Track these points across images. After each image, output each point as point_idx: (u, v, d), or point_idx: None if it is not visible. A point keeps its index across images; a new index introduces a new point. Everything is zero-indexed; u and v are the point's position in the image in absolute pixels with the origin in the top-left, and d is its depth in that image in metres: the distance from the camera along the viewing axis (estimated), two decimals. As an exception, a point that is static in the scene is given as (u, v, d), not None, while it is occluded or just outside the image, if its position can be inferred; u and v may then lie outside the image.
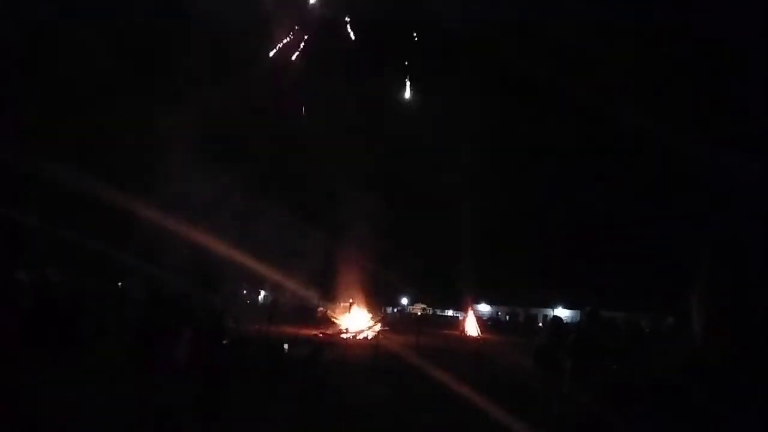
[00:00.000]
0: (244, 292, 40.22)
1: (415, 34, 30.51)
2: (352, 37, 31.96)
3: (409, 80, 30.75)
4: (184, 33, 27.36)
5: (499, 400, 9.08)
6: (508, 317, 50.24)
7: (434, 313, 48.23)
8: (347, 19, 31.44)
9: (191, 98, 25.75)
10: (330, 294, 32.67)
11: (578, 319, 22.88)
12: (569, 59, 31.22)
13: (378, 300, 34.92)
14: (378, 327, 30.28)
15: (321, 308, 34.19)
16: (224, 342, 11.78)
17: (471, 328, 34.74)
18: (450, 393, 10.34)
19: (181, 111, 24.95)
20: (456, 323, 39.03)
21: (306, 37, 31.44)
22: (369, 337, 27.85)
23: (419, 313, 45.04)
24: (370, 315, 31.28)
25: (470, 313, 36.63)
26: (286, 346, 16.86)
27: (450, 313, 48.61)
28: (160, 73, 27.52)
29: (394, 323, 36.50)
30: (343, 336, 27.49)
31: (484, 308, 49.24)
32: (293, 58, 31.12)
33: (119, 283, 18.21)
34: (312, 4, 31.50)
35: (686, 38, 25.47)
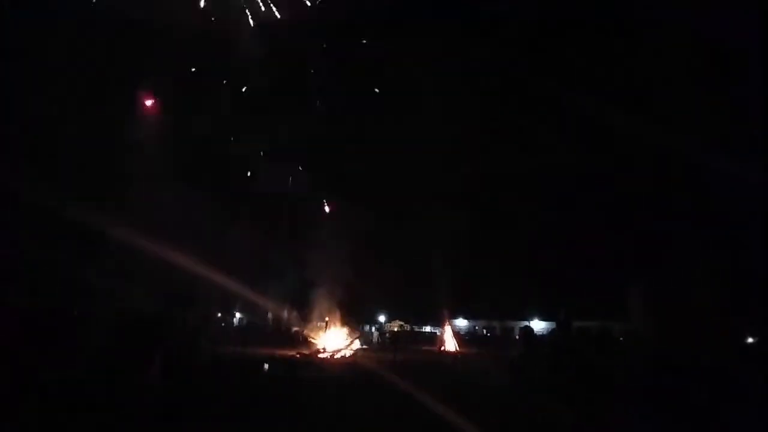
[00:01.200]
0: (218, 314, 39.61)
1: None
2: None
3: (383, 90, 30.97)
4: (149, 49, 27.22)
5: (474, 415, 9.11)
6: (485, 331, 50.37)
7: (412, 330, 48.14)
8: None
9: (161, 118, 25.53)
10: (306, 314, 32.45)
11: (553, 329, 23.16)
12: (553, 57, 31.72)
13: (355, 318, 34.80)
14: (355, 345, 30.21)
15: (297, 328, 33.90)
16: (198, 364, 11.66)
17: (449, 343, 34.81)
18: (425, 409, 10.36)
19: (150, 130, 24.70)
20: (434, 339, 39.03)
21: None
22: (347, 356, 27.74)
23: (396, 330, 44.98)
24: (347, 333, 31.17)
25: (447, 328, 36.72)
26: (266, 366, 16.85)
27: (428, 329, 48.55)
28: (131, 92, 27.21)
29: (371, 341, 36.35)
30: (321, 355, 27.31)
31: (462, 323, 49.30)
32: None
33: (86, 306, 17.70)
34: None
35: (681, 37, 26.08)
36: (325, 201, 32.01)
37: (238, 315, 45.19)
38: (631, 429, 8.28)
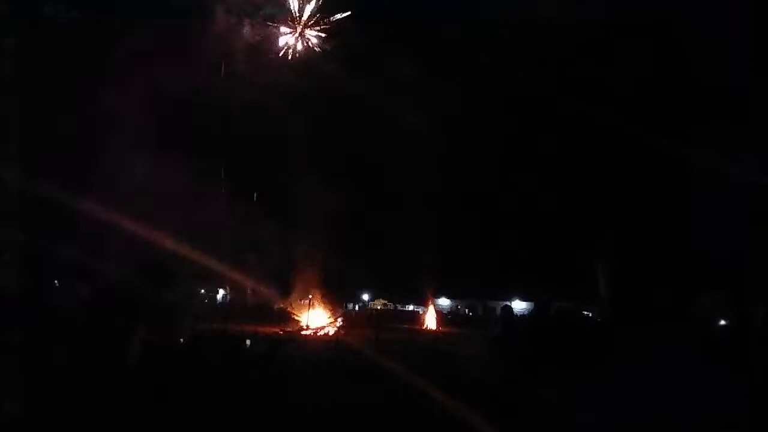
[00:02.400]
0: (202, 291, 39.59)
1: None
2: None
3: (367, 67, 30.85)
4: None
5: (452, 390, 9.35)
6: (468, 310, 50.94)
7: (395, 309, 48.60)
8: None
9: (138, 78, 24.71)
10: (290, 291, 32.60)
11: (531, 310, 23.64)
12: (543, 51, 31.71)
13: (338, 296, 35.06)
14: (339, 323, 30.53)
15: (281, 305, 34.08)
16: (180, 340, 11.73)
17: (431, 322, 35.30)
18: (404, 383, 10.61)
19: (126, 91, 23.93)
20: (417, 318, 39.50)
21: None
22: (330, 333, 28.05)
23: (379, 308, 45.48)
24: (331, 311, 31.45)
25: (430, 307, 37.21)
26: (248, 342, 17.02)
27: (411, 308, 49.03)
28: (102, 51, 26.29)
29: (355, 319, 36.69)
30: (304, 332, 27.59)
31: (445, 302, 49.80)
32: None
33: (56, 282, 17.29)
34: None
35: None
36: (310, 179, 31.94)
37: (222, 291, 45.21)
38: (585, 398, 8.64)
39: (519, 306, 38.56)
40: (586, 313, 25.17)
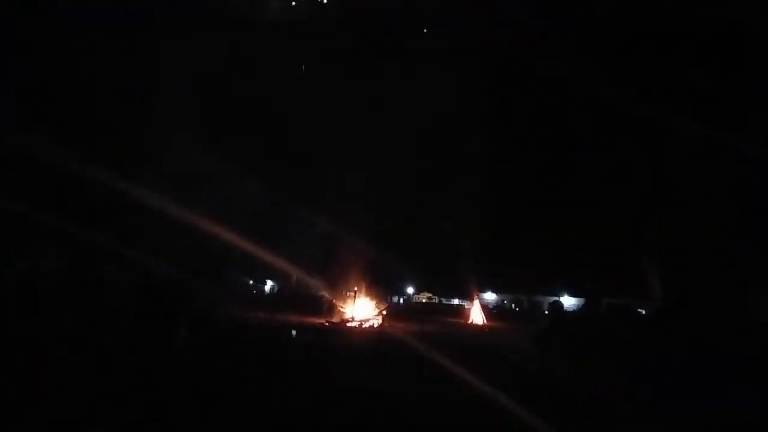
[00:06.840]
0: (250, 282, 40.47)
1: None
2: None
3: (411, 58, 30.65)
4: None
5: (498, 384, 9.21)
6: (513, 305, 50.20)
7: (440, 302, 48.35)
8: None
9: (186, 67, 25.15)
10: (336, 283, 32.85)
11: (582, 306, 23.00)
12: (576, 48, 31.07)
13: (384, 289, 35.13)
14: (384, 315, 30.57)
15: (327, 297, 34.42)
16: (224, 330, 11.99)
17: (476, 316, 34.88)
18: (448, 376, 10.52)
19: (174, 81, 24.40)
20: (462, 311, 39.16)
21: None
22: (375, 326, 28.13)
23: (424, 301, 45.32)
24: (376, 304, 31.52)
25: (476, 301, 36.77)
26: (294, 332, 17.31)
27: (456, 301, 48.65)
28: (150, 35, 26.91)
29: (399, 312, 36.70)
30: (349, 324, 27.75)
31: (490, 296, 49.22)
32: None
33: (104, 269, 17.85)
34: None
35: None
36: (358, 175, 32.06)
37: (270, 282, 46.09)
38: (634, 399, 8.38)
39: (568, 302, 37.70)
40: (639, 310, 24.33)
